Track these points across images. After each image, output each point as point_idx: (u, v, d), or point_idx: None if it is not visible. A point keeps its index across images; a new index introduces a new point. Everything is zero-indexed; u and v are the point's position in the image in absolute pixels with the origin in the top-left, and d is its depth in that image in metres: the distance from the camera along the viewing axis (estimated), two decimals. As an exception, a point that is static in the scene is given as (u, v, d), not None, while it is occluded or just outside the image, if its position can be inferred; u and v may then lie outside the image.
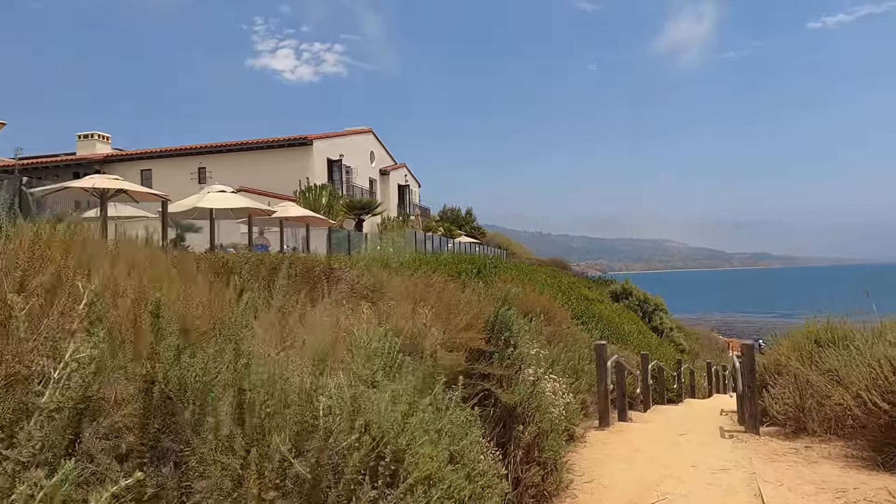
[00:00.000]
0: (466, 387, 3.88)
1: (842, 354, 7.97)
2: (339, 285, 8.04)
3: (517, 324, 4.69)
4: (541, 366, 5.17)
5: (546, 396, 4.72)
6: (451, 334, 4.06)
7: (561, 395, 5.24)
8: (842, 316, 11.09)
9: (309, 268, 8.27)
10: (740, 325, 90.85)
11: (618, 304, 27.18)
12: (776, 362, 10.01)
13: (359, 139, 38.98)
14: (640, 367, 11.94)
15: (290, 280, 6.81)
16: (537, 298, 11.25)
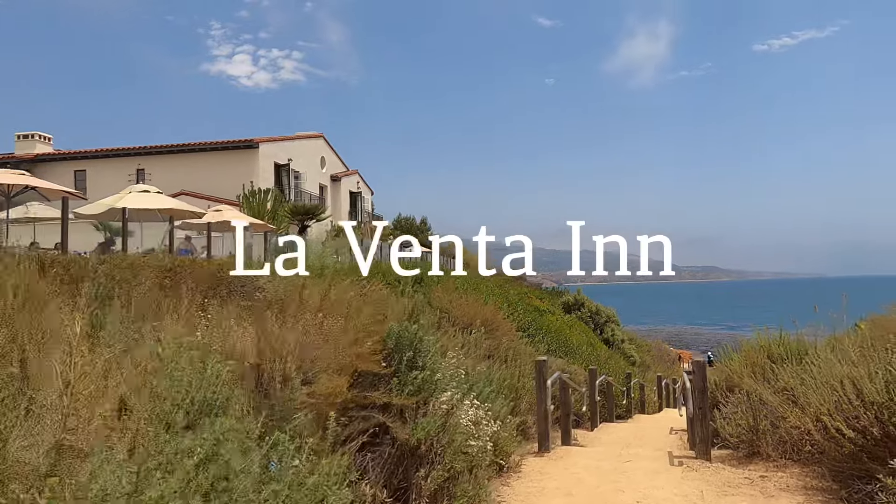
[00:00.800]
0: (354, 421, 3.03)
1: (797, 371, 7.45)
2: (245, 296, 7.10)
3: (427, 341, 3.86)
4: (461, 388, 4.36)
5: (464, 428, 3.91)
6: (339, 354, 3.21)
7: (486, 424, 4.44)
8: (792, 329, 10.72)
9: (210, 275, 7.30)
10: (689, 336, 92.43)
11: (569, 316, 26.72)
12: (727, 378, 9.47)
13: (309, 144, 37.79)
14: (587, 383, 11.29)
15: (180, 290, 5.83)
16: (479, 310, 10.49)
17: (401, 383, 3.36)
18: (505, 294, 14.38)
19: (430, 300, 10.73)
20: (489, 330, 10.26)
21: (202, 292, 6.07)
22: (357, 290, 9.27)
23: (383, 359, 3.52)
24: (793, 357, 9.25)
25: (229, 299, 6.06)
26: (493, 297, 12.59)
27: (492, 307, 10.90)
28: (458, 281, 13.34)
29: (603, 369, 13.89)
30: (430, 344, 3.82)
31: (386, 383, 3.37)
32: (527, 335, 12.45)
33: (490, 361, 8.83)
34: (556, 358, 12.03)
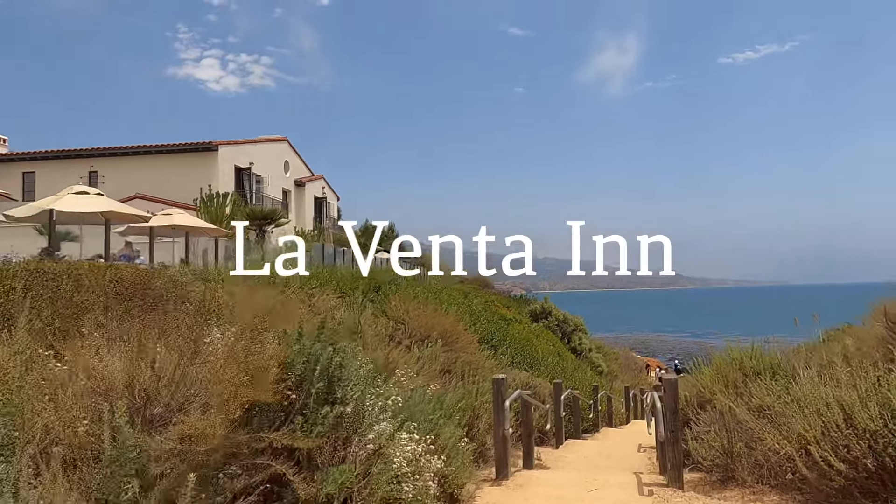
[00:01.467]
0: (246, 472, 2.32)
1: (773, 388, 6.96)
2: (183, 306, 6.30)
3: (350, 366, 3.17)
4: (398, 418, 3.68)
5: (397, 469, 3.22)
6: (222, 382, 2.50)
7: (428, 461, 3.76)
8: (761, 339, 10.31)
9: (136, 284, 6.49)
10: (655, 344, 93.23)
11: (536, 325, 26.23)
12: (698, 394, 8.98)
13: (272, 147, 36.76)
14: (552, 397, 10.71)
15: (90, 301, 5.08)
16: (437, 320, 9.83)
17: (308, 421, 2.67)
18: (468, 303, 13.76)
19: (386, 310, 10.03)
20: (448, 342, 9.60)
21: (117, 304, 5.29)
22: (302, 298, 8.51)
23: (293, 387, 2.82)
24: (767, 371, 8.81)
25: (141, 312, 5.26)
26: (454, 307, 11.94)
27: (452, 317, 10.25)
28: (420, 289, 12.67)
29: (569, 382, 13.35)
30: (353, 370, 3.12)
31: (289, 420, 2.68)
32: (489, 347, 11.83)
33: (447, 378, 8.17)
34: (520, 371, 11.43)
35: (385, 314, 9.95)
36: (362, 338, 7.31)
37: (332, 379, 2.88)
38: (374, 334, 8.23)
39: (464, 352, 9.73)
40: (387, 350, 6.98)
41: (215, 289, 6.71)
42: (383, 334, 8.83)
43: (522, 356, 12.86)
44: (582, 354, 27.74)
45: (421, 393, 5.29)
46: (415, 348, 8.63)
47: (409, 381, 6.66)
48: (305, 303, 8.81)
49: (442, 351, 9.32)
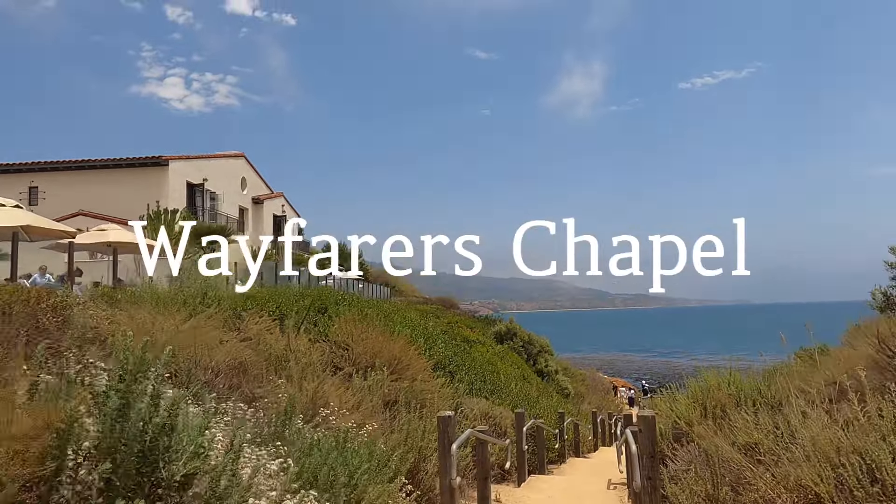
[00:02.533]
0: None
1: (762, 422, 6.13)
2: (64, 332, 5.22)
3: (193, 429, 2.14)
4: (288, 488, 2.65)
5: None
6: None
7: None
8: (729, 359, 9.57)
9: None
10: (622, 364, 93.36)
11: (501, 346, 25.30)
12: (674, 425, 8.12)
13: (228, 163, 35.40)
14: (514, 428, 9.74)
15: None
16: (385, 345, 8.80)
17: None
18: (424, 324, 12.75)
19: (328, 333, 8.97)
20: (397, 370, 8.58)
21: None
22: (225, 321, 7.41)
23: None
24: (748, 400, 8.01)
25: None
26: (407, 329, 10.92)
27: (402, 341, 9.23)
28: (372, 310, 11.62)
29: (533, 409, 12.40)
30: (195, 436, 2.10)
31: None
32: (447, 373, 10.82)
33: (391, 412, 7.14)
34: (479, 399, 10.44)
35: (327, 339, 8.89)
36: (287, 369, 6.25)
37: (154, 449, 1.87)
38: (309, 363, 7.17)
39: (415, 380, 8.71)
40: (316, 382, 5.93)
41: (103, 314, 5.61)
42: (321, 362, 7.77)
43: (483, 382, 11.88)
44: (548, 377, 26.87)
45: (344, 439, 4.26)
46: (356, 378, 7.59)
47: (341, 420, 5.63)
48: (229, 327, 7.70)
49: (390, 380, 8.30)
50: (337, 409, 5.85)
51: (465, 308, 61.04)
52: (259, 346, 7.08)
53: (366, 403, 6.56)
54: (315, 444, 3.96)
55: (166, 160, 28.95)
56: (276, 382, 5.65)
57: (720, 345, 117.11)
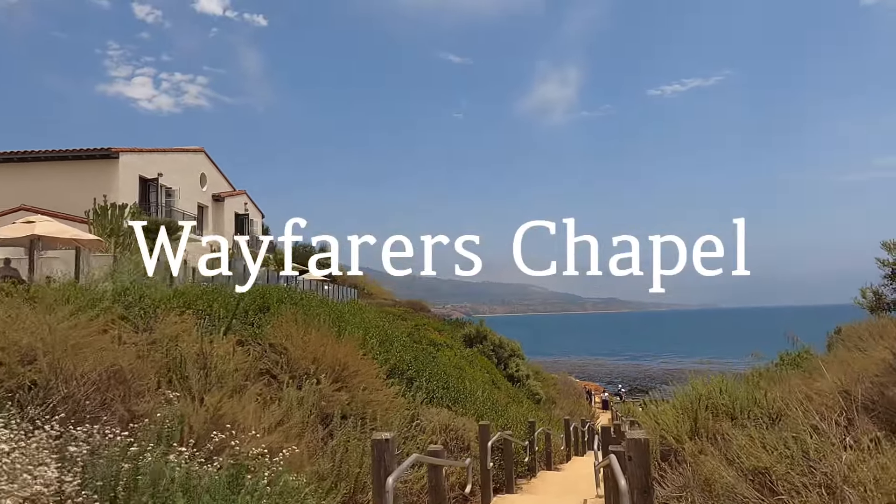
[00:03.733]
0: None
1: (769, 443, 5.11)
2: None
3: None
4: None
5: None
6: None
7: None
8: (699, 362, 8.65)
9: None
10: (593, 367, 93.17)
11: (470, 350, 24.21)
12: (661, 441, 7.09)
13: (185, 158, 33.69)
14: (479, 442, 8.61)
15: None
16: (328, 348, 7.60)
17: None
18: (380, 325, 11.55)
19: (261, 335, 7.73)
20: (342, 377, 7.39)
21: None
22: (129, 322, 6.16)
23: None
24: (744, 412, 7.02)
25: None
26: (358, 330, 9.73)
27: (349, 344, 8.04)
28: (323, 309, 10.41)
29: (501, 419, 11.30)
30: None
31: None
32: (404, 379, 9.65)
33: (328, 429, 5.96)
34: (439, 409, 9.29)
35: (260, 342, 7.66)
36: (186, 379, 5.02)
37: None
38: (228, 370, 5.93)
39: (363, 389, 7.53)
40: (219, 395, 4.70)
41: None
42: (247, 370, 6.53)
43: (446, 389, 10.73)
44: (519, 382, 25.85)
45: (236, 475, 3.08)
46: (289, 388, 6.38)
47: (252, 444, 4.42)
48: (137, 328, 6.44)
49: (332, 389, 7.11)
50: (251, 429, 4.65)
51: (437, 312, 59.96)
52: (167, 349, 5.82)
53: (294, 419, 5.35)
54: (184, 488, 2.76)
55: (116, 152, 27.23)
56: (168, 396, 4.42)
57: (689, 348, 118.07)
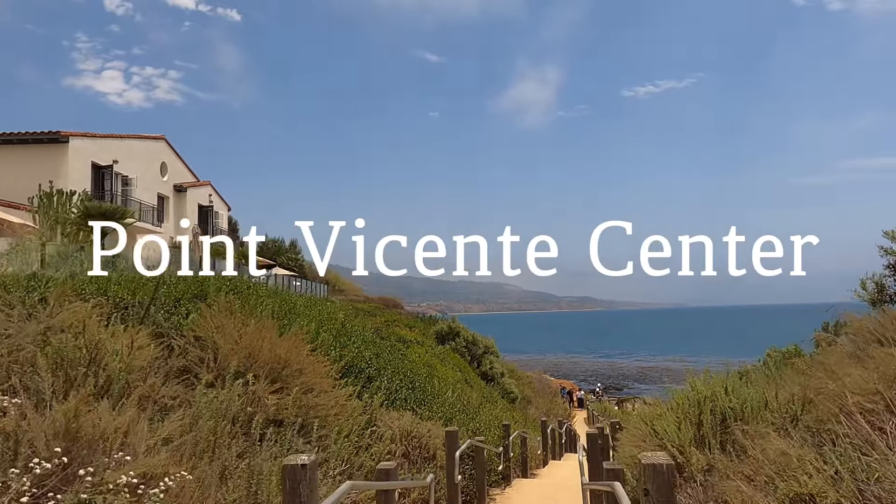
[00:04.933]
0: None
1: (805, 458, 4.08)
2: None
3: None
4: None
5: None
6: None
7: None
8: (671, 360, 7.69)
9: None
10: (568, 365, 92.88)
11: (442, 347, 23.09)
12: (660, 447, 6.05)
13: (144, 145, 31.94)
14: (445, 451, 7.48)
15: None
16: (267, 342, 6.40)
17: None
18: (332, 317, 10.34)
19: (182, 326, 6.49)
20: (282, 376, 6.19)
21: None
22: None
23: None
24: (754, 415, 6.01)
25: None
26: (310, 323, 8.53)
27: (293, 338, 6.83)
28: (272, 299, 9.19)
29: (473, 423, 10.19)
30: None
31: None
32: (363, 379, 8.47)
33: (249, 441, 4.76)
34: (402, 412, 8.13)
35: (182, 334, 6.41)
36: (41, 379, 3.78)
37: None
38: (140, 367, 4.70)
39: (306, 391, 6.34)
40: (76, 401, 3.48)
41: None
42: (158, 368, 5.30)
43: (411, 390, 9.58)
44: (493, 380, 24.81)
45: None
46: (205, 388, 5.17)
47: (127, 469, 3.23)
48: (20, 317, 5.17)
49: (269, 391, 5.92)
50: (131, 447, 3.44)
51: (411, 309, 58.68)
52: (43, 342, 4.57)
53: (202, 431, 4.15)
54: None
55: (66, 136, 25.50)
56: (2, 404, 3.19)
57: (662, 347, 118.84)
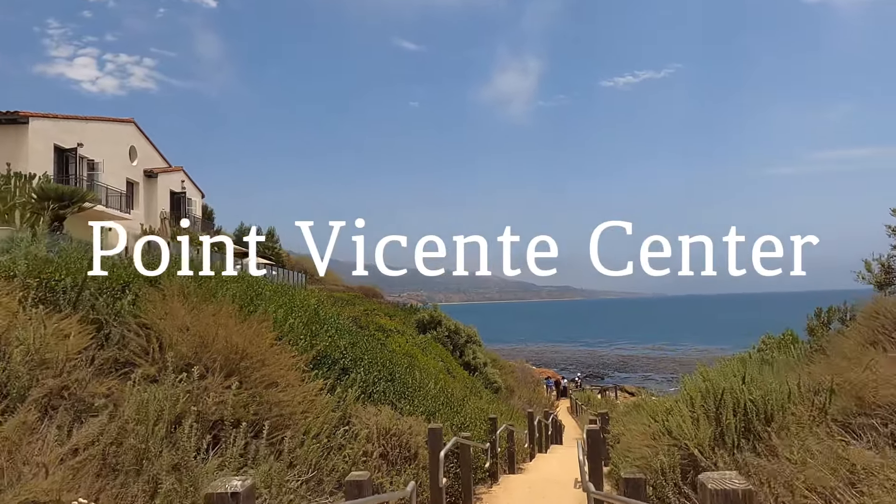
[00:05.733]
0: None
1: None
2: None
3: None
4: None
5: None
6: None
7: None
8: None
9: None
10: (549, 354, 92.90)
11: (423, 336, 22.36)
12: (682, 453, 5.34)
13: (111, 129, 30.57)
14: (428, 451, 6.74)
15: None
16: (225, 329, 5.57)
17: None
18: (304, 305, 9.51)
19: (121, 310, 5.63)
20: (241, 370, 5.37)
21: None
22: None
23: None
24: (780, 413, 5.34)
25: None
26: (277, 309, 7.71)
27: (255, 326, 6.01)
28: (237, 283, 8.34)
29: (458, 417, 9.46)
30: None
31: None
32: (338, 370, 7.68)
33: (194, 447, 3.94)
34: (381, 407, 7.36)
35: (122, 320, 5.56)
36: None
37: None
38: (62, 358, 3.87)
39: (272, 384, 5.54)
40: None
41: None
42: (88, 360, 4.47)
43: (390, 382, 8.82)
44: (476, 370, 24.15)
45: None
46: (154, 383, 4.35)
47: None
48: None
49: (224, 385, 5.12)
50: (16, 465, 2.62)
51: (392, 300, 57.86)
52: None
53: (129, 440, 3.33)
54: None
55: (25, 117, 24.17)
56: None
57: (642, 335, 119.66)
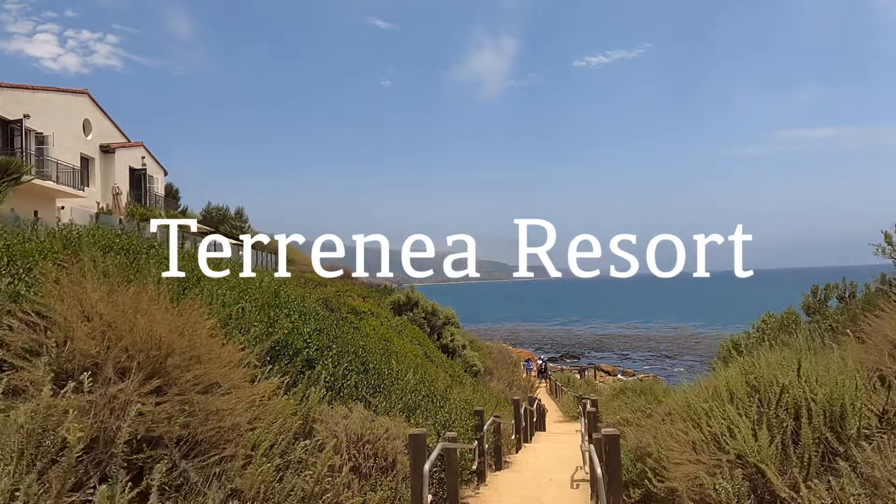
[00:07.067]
0: None
1: None
2: None
3: None
4: None
5: None
6: None
7: None
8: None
9: None
10: (525, 333, 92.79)
11: (399, 319, 21.24)
12: (745, 475, 4.26)
13: (62, 99, 28.50)
14: (410, 458, 5.62)
15: None
16: (143, 319, 4.34)
17: None
18: (265, 285, 8.26)
19: (19, 294, 4.37)
20: (168, 367, 4.16)
21: None
22: None
23: None
24: (856, 413, 4.33)
25: None
26: (222, 289, 6.47)
27: (188, 311, 4.76)
28: (184, 262, 7.08)
29: (441, 412, 8.35)
30: None
31: None
32: (296, 364, 6.47)
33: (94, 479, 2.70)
34: (352, 405, 6.22)
35: (24, 309, 4.30)
36: None
37: None
38: None
39: (211, 386, 4.34)
40: None
41: None
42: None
43: (363, 374, 7.67)
44: (454, 353, 23.14)
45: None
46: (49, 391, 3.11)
47: None
48: None
49: (145, 390, 3.94)
50: None
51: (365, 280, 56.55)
52: None
53: None
54: None
55: (-37, 85, 22.14)
56: None
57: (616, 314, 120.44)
